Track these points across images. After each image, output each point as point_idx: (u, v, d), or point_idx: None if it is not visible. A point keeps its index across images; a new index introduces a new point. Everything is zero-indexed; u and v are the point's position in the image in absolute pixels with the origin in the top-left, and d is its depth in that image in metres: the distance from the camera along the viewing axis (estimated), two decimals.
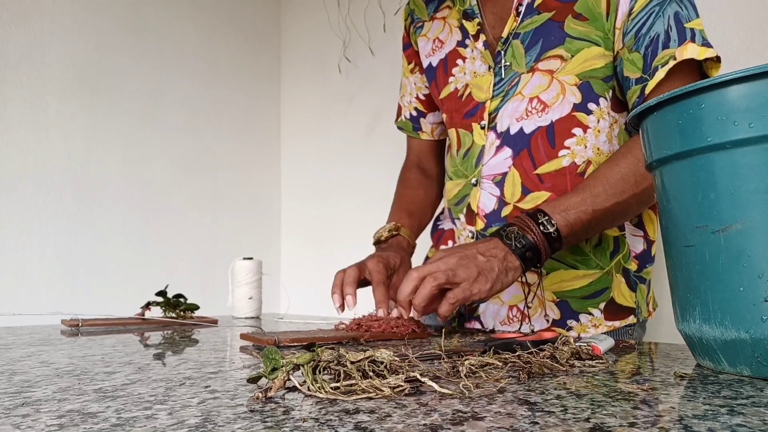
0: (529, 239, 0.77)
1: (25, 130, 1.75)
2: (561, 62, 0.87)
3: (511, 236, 0.77)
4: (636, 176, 0.80)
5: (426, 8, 1.08)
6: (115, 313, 1.10)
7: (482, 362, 0.47)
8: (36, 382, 0.45)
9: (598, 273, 0.89)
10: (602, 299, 0.89)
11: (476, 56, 0.97)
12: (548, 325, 0.89)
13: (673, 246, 0.50)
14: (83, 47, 1.88)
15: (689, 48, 0.78)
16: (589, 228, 0.81)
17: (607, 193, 0.80)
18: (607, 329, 0.89)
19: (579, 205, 0.79)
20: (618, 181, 0.80)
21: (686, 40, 0.79)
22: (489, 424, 0.31)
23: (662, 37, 0.80)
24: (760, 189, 0.42)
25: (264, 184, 2.38)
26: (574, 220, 0.79)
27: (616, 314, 0.89)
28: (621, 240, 0.91)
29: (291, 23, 2.45)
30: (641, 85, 0.82)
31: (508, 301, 0.92)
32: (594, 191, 0.80)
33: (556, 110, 0.89)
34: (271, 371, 0.39)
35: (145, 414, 0.34)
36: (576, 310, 0.89)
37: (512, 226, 0.78)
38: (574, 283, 0.89)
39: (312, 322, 1.08)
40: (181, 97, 2.13)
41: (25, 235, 1.73)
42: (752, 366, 0.44)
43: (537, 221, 0.78)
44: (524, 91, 0.91)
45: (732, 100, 0.43)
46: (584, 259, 0.89)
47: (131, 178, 1.97)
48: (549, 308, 0.90)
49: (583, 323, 0.89)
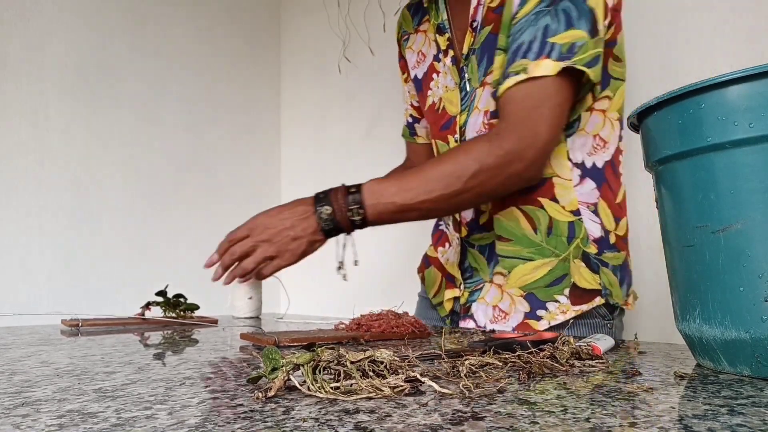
0: (337, 225, 0.89)
1: (25, 130, 1.75)
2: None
3: (323, 216, 0.89)
4: (450, 178, 0.85)
5: (412, 21, 1.12)
6: (115, 313, 1.10)
7: (482, 362, 0.47)
8: (36, 382, 0.45)
9: (554, 260, 0.91)
10: (565, 285, 0.91)
11: (447, 71, 1.01)
12: (522, 319, 0.92)
13: (673, 246, 0.50)
14: (83, 46, 1.88)
15: (543, 63, 0.81)
16: (394, 218, 0.89)
17: (418, 190, 0.86)
18: (575, 313, 0.90)
19: (391, 196, 0.86)
20: (432, 179, 0.85)
21: (543, 54, 0.81)
22: (489, 424, 0.31)
23: (524, 47, 0.83)
24: (760, 189, 0.42)
25: (264, 183, 2.38)
26: (383, 210, 0.87)
27: (582, 297, 0.91)
28: (576, 224, 0.92)
29: (291, 23, 2.45)
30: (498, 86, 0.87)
31: (491, 302, 0.96)
32: (409, 185, 0.86)
33: None
34: (271, 371, 0.39)
35: (145, 414, 0.34)
36: (543, 300, 0.92)
37: (328, 206, 0.89)
38: (535, 274, 0.92)
39: (312, 322, 1.08)
40: (181, 97, 2.13)
41: (25, 235, 1.73)
42: (752, 366, 0.44)
43: (349, 208, 0.87)
44: (479, 105, 0.95)
45: (732, 100, 0.43)
46: (538, 249, 0.92)
47: (131, 177, 1.97)
48: (519, 303, 0.93)
49: (552, 311, 0.91)
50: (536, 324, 0.91)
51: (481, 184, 0.85)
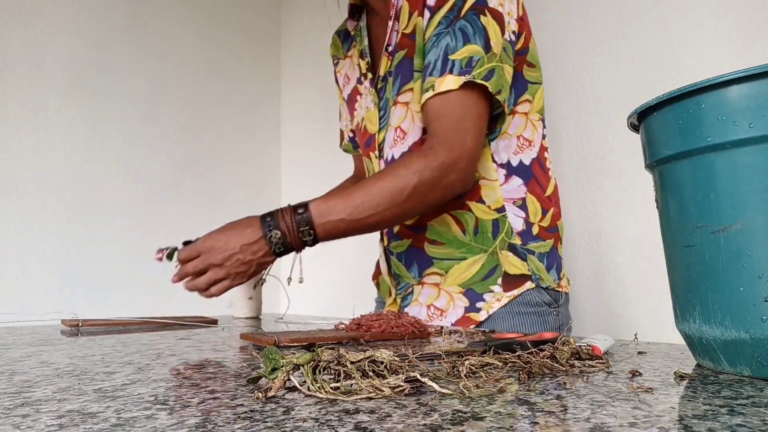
0: (288, 246, 0.93)
1: (25, 130, 1.74)
2: (412, 94, 0.99)
3: (273, 240, 0.92)
4: (393, 192, 0.90)
5: (342, 46, 1.22)
6: (115, 314, 1.10)
7: (482, 362, 0.47)
8: (36, 382, 0.45)
9: (483, 256, 0.98)
10: (497, 275, 0.98)
11: (366, 93, 1.10)
12: (463, 314, 0.98)
13: (673, 246, 0.50)
14: (83, 47, 1.88)
15: (446, 80, 0.89)
16: (344, 234, 0.93)
17: (365, 206, 0.90)
18: (508, 299, 0.96)
19: (339, 213, 0.91)
20: (377, 195, 0.90)
21: (446, 71, 0.90)
22: (489, 424, 0.31)
23: (431, 66, 0.92)
24: (760, 189, 0.42)
25: (264, 184, 2.38)
26: (332, 228, 0.92)
27: (512, 284, 0.98)
28: (501, 221, 0.99)
29: (291, 23, 2.45)
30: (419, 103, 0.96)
31: (425, 302, 1.01)
32: (355, 201, 0.91)
33: (411, 136, 1.00)
34: (271, 371, 0.39)
35: (145, 414, 0.34)
36: (480, 293, 0.98)
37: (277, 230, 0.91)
38: (470, 270, 0.99)
39: (312, 322, 1.08)
40: (181, 97, 2.12)
41: (25, 235, 1.73)
42: (752, 366, 0.44)
43: (300, 229, 0.91)
44: (392, 122, 1.03)
45: (732, 100, 0.43)
46: (468, 248, 0.99)
47: (131, 178, 1.97)
48: (458, 299, 0.99)
49: (488, 301, 0.97)
50: (476, 315, 0.97)
51: (422, 196, 0.91)
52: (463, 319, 0.97)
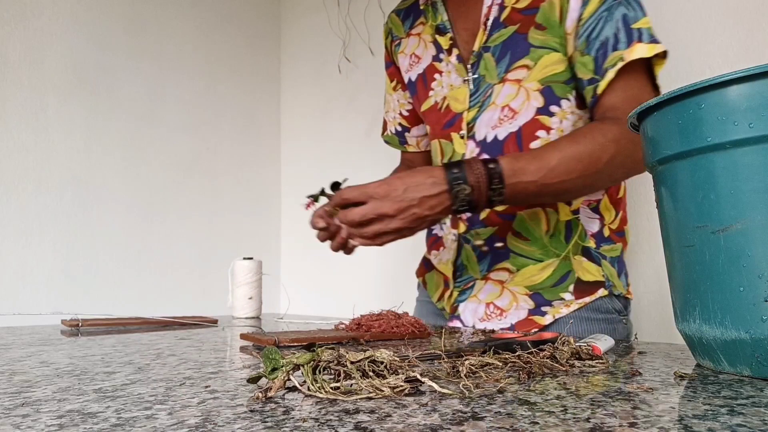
0: (473, 204, 0.81)
1: (25, 130, 1.75)
2: (527, 71, 0.92)
3: (459, 196, 0.80)
4: (591, 158, 0.82)
5: (402, 25, 1.13)
6: (115, 313, 1.10)
7: (482, 362, 0.47)
8: (36, 382, 0.45)
9: (555, 261, 0.93)
10: (569, 282, 0.92)
11: (451, 69, 1.02)
12: (526, 316, 0.93)
13: (673, 246, 0.50)
14: (83, 47, 1.88)
15: (636, 48, 0.82)
16: (528, 199, 0.85)
17: (559, 169, 0.81)
18: (578, 306, 0.91)
19: (532, 175, 0.81)
20: (572, 158, 0.81)
21: (634, 40, 0.83)
22: (489, 424, 0.31)
23: (611, 41, 0.84)
24: (760, 189, 0.42)
25: (264, 184, 2.38)
26: (521, 190, 0.82)
27: (585, 291, 0.92)
28: (574, 223, 0.94)
29: (291, 23, 2.45)
30: (593, 86, 0.87)
31: (484, 299, 0.96)
32: (549, 164, 0.81)
33: (523, 116, 0.93)
34: (271, 371, 0.39)
35: (145, 414, 0.34)
36: (549, 299, 0.93)
37: (466, 184, 0.80)
38: (542, 274, 0.93)
39: (312, 322, 1.08)
40: (181, 97, 2.12)
41: (25, 235, 1.73)
42: (752, 366, 0.44)
43: (490, 186, 0.80)
44: (497, 100, 0.95)
45: (732, 100, 0.43)
46: (545, 250, 0.94)
47: (131, 178, 1.97)
48: (523, 300, 0.94)
49: (556, 306, 0.92)
50: (541, 319, 0.92)
51: (616, 167, 0.83)
52: (526, 322, 0.92)
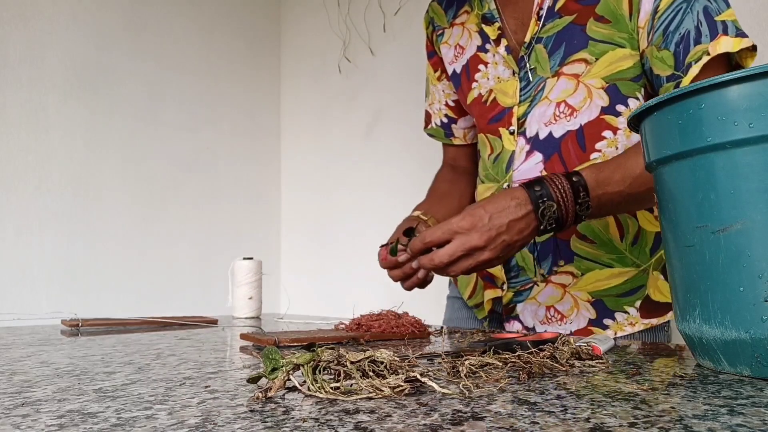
0: (560, 222, 0.76)
1: (25, 130, 1.75)
2: (586, 66, 0.87)
3: (546, 214, 0.75)
4: None
5: (445, 15, 1.08)
6: (115, 314, 1.10)
7: (482, 362, 0.47)
8: (36, 382, 0.45)
9: (633, 271, 0.88)
10: (638, 297, 0.88)
11: (499, 61, 0.96)
12: (586, 325, 0.89)
13: (673, 246, 0.50)
14: (83, 47, 1.88)
15: (722, 41, 0.75)
16: (614, 210, 0.80)
17: (645, 176, 0.76)
18: (644, 327, 0.87)
19: (618, 185, 0.77)
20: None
21: (718, 33, 0.76)
22: (489, 424, 0.31)
23: (693, 34, 0.78)
24: (760, 189, 0.42)
25: (264, 184, 2.38)
26: (607, 201, 0.77)
27: (653, 312, 0.88)
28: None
29: (291, 23, 2.45)
30: (674, 82, 0.80)
31: (544, 302, 0.92)
32: (635, 171, 0.77)
33: (585, 114, 0.88)
34: (271, 371, 0.39)
35: (145, 414, 0.34)
36: (612, 309, 0.88)
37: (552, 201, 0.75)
38: (610, 281, 0.88)
39: (312, 322, 1.08)
40: (181, 97, 2.13)
41: (25, 235, 1.73)
42: (752, 366, 0.44)
43: (577, 200, 0.75)
44: (551, 95, 0.90)
45: (732, 100, 0.43)
46: (620, 257, 0.88)
47: (131, 177, 1.97)
48: (584, 308, 0.89)
49: (620, 322, 0.88)
50: (601, 332, 0.88)
51: None
52: (585, 331, 0.89)
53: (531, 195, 0.75)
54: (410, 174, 1.85)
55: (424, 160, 1.25)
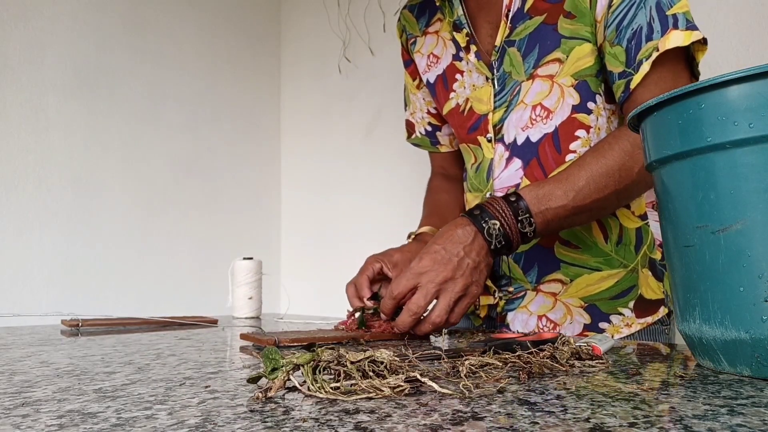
0: (509, 238, 0.76)
1: (25, 130, 1.75)
2: (559, 65, 0.85)
3: (492, 234, 0.76)
4: (621, 171, 0.77)
5: (417, 23, 1.05)
6: (115, 314, 1.10)
7: (482, 362, 0.47)
8: (36, 382, 0.45)
9: (622, 272, 0.87)
10: (630, 297, 0.87)
11: (472, 69, 0.95)
12: (581, 330, 0.88)
13: (673, 246, 0.50)
14: (83, 47, 1.88)
15: (672, 37, 0.75)
16: (563, 225, 0.80)
17: (590, 188, 0.77)
18: (640, 326, 0.87)
19: (560, 200, 0.77)
20: (602, 175, 0.77)
21: (669, 28, 0.75)
22: (489, 424, 0.31)
23: (645, 30, 0.77)
24: (760, 189, 0.42)
25: (264, 184, 2.38)
26: (552, 217, 0.77)
27: (647, 310, 0.87)
28: (644, 230, 0.88)
29: (291, 23, 2.45)
30: (626, 80, 0.80)
31: (536, 311, 0.91)
32: (577, 184, 0.77)
33: (558, 115, 0.87)
34: (271, 371, 0.39)
35: (145, 414, 0.34)
36: (606, 312, 0.88)
37: (495, 220, 0.76)
38: (600, 285, 0.87)
39: (312, 322, 1.08)
40: (181, 97, 2.12)
41: (25, 235, 1.73)
42: (752, 366, 0.44)
43: (517, 218, 0.76)
44: (526, 99, 0.88)
45: (732, 100, 0.43)
46: (607, 259, 0.87)
47: (131, 177, 1.97)
48: (578, 314, 0.88)
49: (615, 324, 0.87)
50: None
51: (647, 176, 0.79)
52: (582, 336, 0.86)
53: (472, 219, 0.77)
54: (410, 174, 1.85)
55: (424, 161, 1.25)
